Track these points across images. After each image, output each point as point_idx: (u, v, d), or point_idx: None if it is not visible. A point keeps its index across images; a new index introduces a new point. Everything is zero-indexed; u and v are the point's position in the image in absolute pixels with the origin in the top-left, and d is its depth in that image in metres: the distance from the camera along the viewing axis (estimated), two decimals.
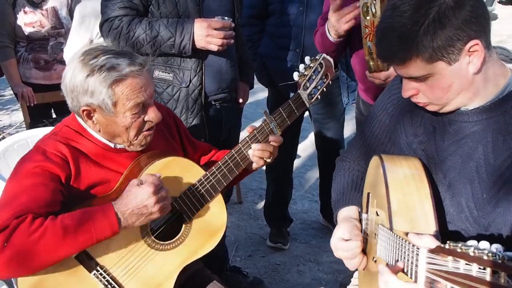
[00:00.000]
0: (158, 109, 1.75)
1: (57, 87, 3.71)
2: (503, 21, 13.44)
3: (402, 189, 1.33)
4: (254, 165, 1.97)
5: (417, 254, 1.06)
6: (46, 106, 3.84)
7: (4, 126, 5.93)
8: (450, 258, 0.94)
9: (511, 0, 15.69)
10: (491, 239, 1.33)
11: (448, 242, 0.96)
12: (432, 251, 1.00)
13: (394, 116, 1.57)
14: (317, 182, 3.97)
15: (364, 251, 1.50)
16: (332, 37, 2.24)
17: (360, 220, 1.56)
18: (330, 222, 3.61)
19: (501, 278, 0.86)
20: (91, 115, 1.69)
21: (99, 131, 1.74)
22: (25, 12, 3.62)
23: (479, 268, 0.89)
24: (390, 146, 1.60)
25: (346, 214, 1.60)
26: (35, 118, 3.75)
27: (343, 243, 1.48)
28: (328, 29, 2.24)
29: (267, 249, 3.53)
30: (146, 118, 1.73)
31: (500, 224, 1.31)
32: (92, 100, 1.65)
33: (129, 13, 2.30)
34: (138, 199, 1.60)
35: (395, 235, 1.21)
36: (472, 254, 0.90)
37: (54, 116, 3.97)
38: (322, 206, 3.79)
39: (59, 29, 3.72)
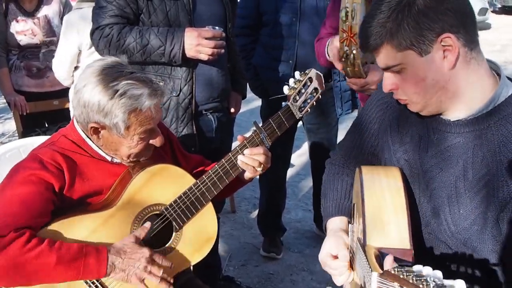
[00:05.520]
0: None
1: (49, 95, 3.79)
2: (497, 31, 13.51)
3: (377, 201, 1.32)
4: (247, 175, 1.96)
5: (370, 277, 1.06)
6: (39, 115, 3.82)
7: None
8: (396, 284, 0.94)
9: (505, 10, 15.83)
10: (470, 254, 1.32)
11: (395, 267, 0.96)
12: (380, 275, 0.99)
13: (383, 121, 1.56)
14: (311, 191, 3.96)
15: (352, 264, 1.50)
16: (330, 58, 2.29)
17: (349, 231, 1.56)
18: (323, 232, 3.60)
19: None
20: (99, 131, 1.71)
21: (101, 145, 1.76)
22: (17, 21, 3.62)
23: None
24: (378, 150, 1.59)
25: (335, 225, 1.59)
26: (27, 127, 3.75)
27: (331, 261, 1.48)
28: (327, 51, 2.28)
29: (260, 259, 3.51)
30: (150, 142, 1.78)
31: (476, 242, 1.29)
32: (104, 120, 1.67)
33: (120, 21, 2.30)
34: (133, 256, 1.65)
35: (362, 253, 1.20)
36: (411, 281, 0.91)
37: (46, 125, 3.96)
38: (316, 215, 3.78)
39: (52, 37, 3.72)
